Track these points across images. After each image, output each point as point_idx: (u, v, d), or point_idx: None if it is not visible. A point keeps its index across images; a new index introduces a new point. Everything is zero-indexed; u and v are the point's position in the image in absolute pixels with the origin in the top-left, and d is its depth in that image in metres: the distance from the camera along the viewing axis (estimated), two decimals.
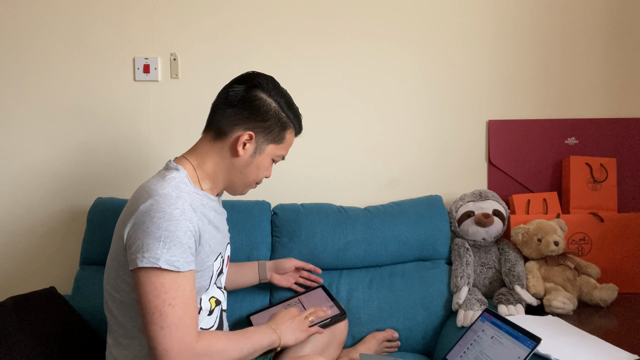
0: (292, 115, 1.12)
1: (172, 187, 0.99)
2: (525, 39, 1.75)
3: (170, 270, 0.92)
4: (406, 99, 1.76)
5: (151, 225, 0.93)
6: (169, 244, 0.93)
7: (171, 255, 0.93)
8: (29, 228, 1.74)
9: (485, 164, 1.78)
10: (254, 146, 1.08)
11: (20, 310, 1.23)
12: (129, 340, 1.04)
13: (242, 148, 1.07)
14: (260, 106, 1.07)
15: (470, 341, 1.18)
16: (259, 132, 1.07)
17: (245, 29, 1.73)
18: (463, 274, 1.49)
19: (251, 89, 1.08)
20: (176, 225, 0.94)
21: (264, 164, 1.12)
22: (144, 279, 0.92)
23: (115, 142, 1.74)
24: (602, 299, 1.42)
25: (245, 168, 1.10)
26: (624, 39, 1.75)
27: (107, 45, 1.72)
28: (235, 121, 1.07)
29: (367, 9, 1.73)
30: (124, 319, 1.03)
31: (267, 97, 1.08)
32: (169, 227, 0.93)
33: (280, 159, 1.16)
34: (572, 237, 1.61)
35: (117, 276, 1.02)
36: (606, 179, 1.69)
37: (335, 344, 1.31)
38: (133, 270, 0.94)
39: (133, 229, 0.95)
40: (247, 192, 1.18)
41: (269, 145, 1.10)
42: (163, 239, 0.92)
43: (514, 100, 1.76)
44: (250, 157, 1.09)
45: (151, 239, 0.92)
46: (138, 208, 0.96)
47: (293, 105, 1.14)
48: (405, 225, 1.58)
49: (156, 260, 0.91)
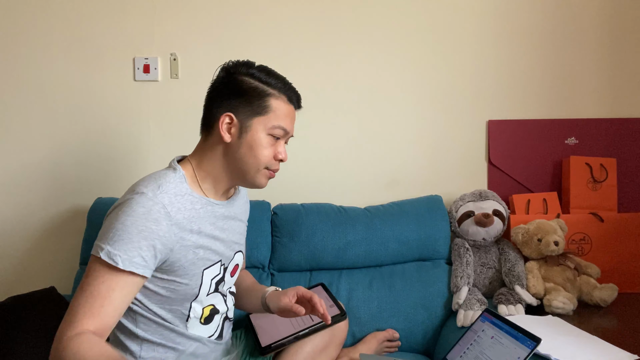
0: (273, 80, 1.06)
1: (154, 187, 0.97)
2: (525, 39, 1.75)
3: (107, 262, 0.89)
4: (406, 99, 1.76)
5: (114, 217, 0.93)
6: (117, 238, 0.90)
7: (115, 248, 0.90)
8: (29, 228, 1.74)
9: (485, 164, 1.78)
10: (238, 125, 1.03)
11: (20, 310, 1.23)
12: (126, 336, 1.04)
13: (227, 132, 1.04)
14: (234, 85, 1.05)
15: (470, 341, 1.18)
16: (237, 110, 1.03)
17: (246, 29, 1.73)
18: (463, 274, 1.49)
19: (227, 75, 1.07)
20: (133, 222, 0.91)
21: (258, 141, 1.03)
22: (88, 265, 0.92)
23: (116, 142, 1.74)
24: (602, 299, 1.42)
25: (238, 152, 1.04)
26: (624, 39, 1.75)
27: (107, 45, 1.72)
28: (215, 109, 1.05)
29: (367, 9, 1.73)
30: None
31: (240, 75, 1.06)
32: (125, 222, 0.91)
33: (280, 131, 1.06)
34: (572, 237, 1.61)
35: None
36: (606, 179, 1.69)
37: (335, 343, 1.31)
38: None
39: (105, 219, 0.96)
40: (264, 181, 1.09)
41: (253, 119, 1.03)
42: (114, 231, 0.91)
43: (514, 100, 1.76)
44: (239, 139, 1.04)
45: (106, 229, 0.92)
46: (119, 200, 0.97)
47: (272, 72, 1.08)
48: (405, 225, 1.58)
49: (100, 249, 0.90)
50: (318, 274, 1.56)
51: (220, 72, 1.09)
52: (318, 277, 1.55)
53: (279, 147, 1.07)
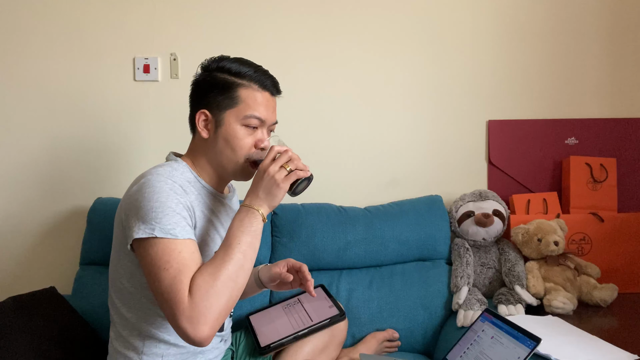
0: (244, 68, 1.05)
1: (165, 169, 1.00)
2: (525, 39, 1.75)
3: (165, 238, 0.90)
4: (406, 99, 1.76)
5: (142, 200, 0.93)
6: (161, 214, 0.92)
7: (165, 223, 0.91)
8: (29, 228, 1.74)
9: (485, 164, 1.78)
10: (213, 121, 1.05)
11: (20, 310, 1.23)
12: (129, 331, 1.04)
13: (204, 129, 1.06)
14: (206, 81, 1.07)
15: (470, 341, 1.18)
16: (210, 106, 1.05)
17: (246, 29, 1.73)
18: (463, 274, 1.49)
19: (201, 73, 1.09)
20: (166, 197, 0.94)
21: (232, 133, 1.04)
22: (142, 251, 0.92)
23: (116, 142, 1.74)
24: (602, 299, 1.42)
25: (216, 146, 1.05)
26: (624, 39, 1.75)
27: (107, 45, 1.72)
28: (193, 108, 1.09)
29: (367, 9, 1.73)
30: (122, 309, 1.05)
31: (214, 71, 1.07)
32: (159, 199, 0.93)
33: (255, 120, 1.04)
34: (572, 237, 1.61)
35: (118, 262, 1.04)
36: (606, 179, 1.69)
37: (335, 343, 1.31)
38: (133, 245, 0.94)
39: (127, 209, 0.96)
40: (244, 174, 1.08)
41: (225, 112, 1.04)
42: (155, 210, 0.92)
43: (514, 100, 1.76)
44: (215, 134, 1.05)
45: (143, 211, 0.92)
46: (130, 190, 0.98)
47: (244, 61, 1.07)
48: (405, 225, 1.58)
49: (151, 230, 0.91)
50: (318, 274, 1.56)
51: (197, 70, 1.11)
52: (318, 277, 1.55)
53: (258, 135, 1.07)
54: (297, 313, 1.37)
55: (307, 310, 1.35)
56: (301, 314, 1.36)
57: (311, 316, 1.33)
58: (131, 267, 1.02)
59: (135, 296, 1.03)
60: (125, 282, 1.03)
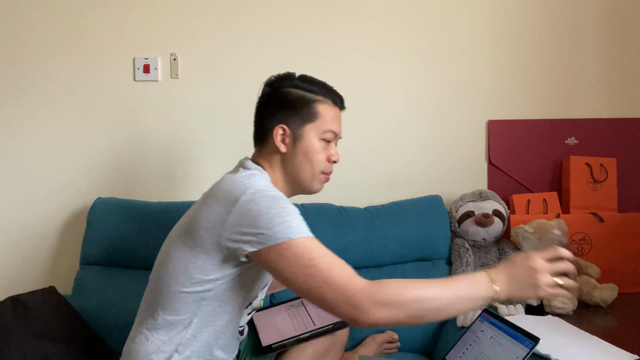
0: (315, 86, 1.12)
1: (265, 182, 1.03)
2: (525, 39, 1.75)
3: (300, 237, 0.92)
4: (406, 99, 1.76)
5: (261, 208, 0.94)
6: (288, 217, 0.94)
7: (295, 225, 0.93)
8: (29, 228, 1.74)
9: (485, 164, 1.78)
10: (292, 135, 1.08)
11: (20, 310, 1.23)
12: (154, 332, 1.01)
13: (282, 143, 1.08)
14: (280, 97, 1.10)
15: (470, 341, 1.18)
16: (289, 121, 1.08)
17: (246, 29, 1.73)
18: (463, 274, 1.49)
19: (271, 90, 1.13)
20: (285, 203, 0.97)
21: (312, 147, 1.09)
22: (274, 257, 0.92)
23: (115, 142, 1.74)
24: (602, 299, 1.42)
25: (295, 160, 1.09)
26: (624, 39, 1.75)
27: (107, 45, 1.72)
28: (267, 123, 1.10)
29: (367, 10, 1.73)
30: (166, 304, 1.01)
31: (284, 87, 1.11)
32: (279, 204, 0.95)
33: (330, 134, 1.11)
34: (572, 237, 1.61)
35: (193, 264, 0.99)
36: (606, 179, 1.69)
37: (336, 348, 1.32)
38: (257, 253, 0.93)
39: (241, 219, 0.94)
40: (320, 186, 1.14)
41: (304, 127, 1.08)
42: (281, 215, 0.93)
43: (514, 100, 1.76)
44: (294, 148, 1.08)
45: (268, 218, 0.93)
46: (238, 199, 0.95)
47: (313, 79, 1.14)
48: (405, 225, 1.58)
49: (285, 233, 0.92)
50: None
51: (265, 88, 1.15)
52: None
53: (330, 150, 1.12)
54: (300, 315, 1.36)
55: (311, 313, 1.35)
56: (304, 317, 1.35)
57: (314, 320, 1.32)
58: (204, 269, 0.99)
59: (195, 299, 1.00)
60: (200, 287, 1.00)
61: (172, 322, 1.01)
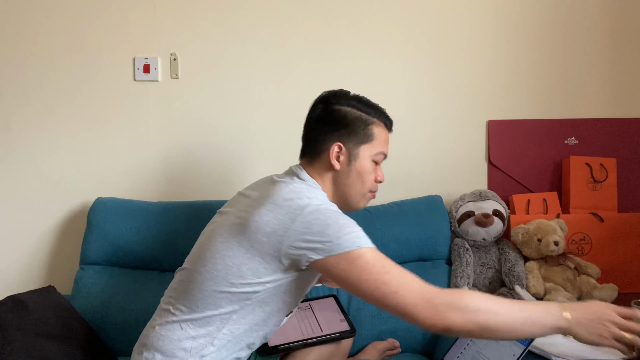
0: (371, 109, 1.15)
1: (325, 198, 1.07)
2: (525, 39, 1.75)
3: (368, 247, 0.96)
4: (406, 99, 1.76)
5: (327, 219, 0.97)
6: (354, 227, 0.98)
7: (361, 235, 0.97)
8: (29, 228, 1.74)
9: (485, 164, 1.78)
10: (347, 154, 1.11)
11: (20, 310, 1.23)
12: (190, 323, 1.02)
13: (336, 160, 1.11)
14: (339, 116, 1.12)
15: (467, 341, 1.18)
16: (345, 140, 1.11)
17: (246, 29, 1.73)
18: (463, 274, 1.49)
19: (326, 106, 1.14)
20: (343, 216, 1.00)
21: (365, 167, 1.12)
22: (344, 265, 0.94)
23: (115, 142, 1.74)
24: (602, 299, 1.42)
25: (347, 178, 1.12)
26: (624, 39, 1.75)
27: (107, 45, 1.72)
28: (323, 139, 1.12)
29: (367, 9, 1.73)
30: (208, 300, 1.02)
31: (341, 106, 1.13)
32: (339, 218, 0.98)
33: (381, 156, 1.15)
34: (572, 237, 1.61)
35: (247, 266, 1.00)
36: (606, 179, 1.69)
37: (339, 354, 1.32)
38: (322, 261, 0.96)
39: (307, 227, 0.97)
40: (365, 203, 1.18)
41: (360, 147, 1.11)
42: (347, 225, 0.97)
43: (514, 100, 1.76)
44: (348, 166, 1.11)
45: (335, 227, 0.96)
46: (304, 209, 0.99)
47: (369, 102, 1.17)
48: (405, 225, 1.58)
49: (353, 242, 0.95)
50: None
51: (318, 104, 1.17)
52: None
53: (378, 171, 1.16)
54: (308, 319, 1.36)
55: (318, 318, 1.34)
56: (311, 321, 1.34)
57: (322, 326, 1.32)
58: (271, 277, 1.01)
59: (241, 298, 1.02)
60: (249, 289, 1.01)
61: (211, 316, 1.02)
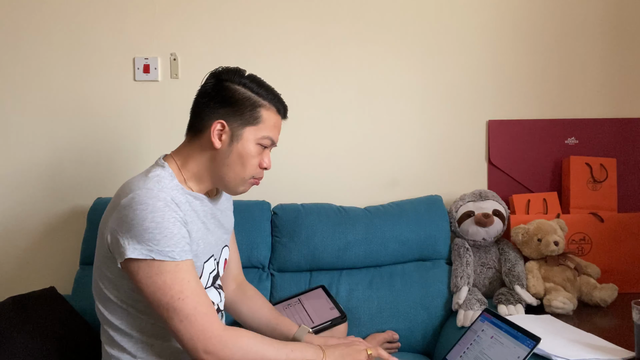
0: (264, 91, 1.08)
1: (153, 183, 0.98)
2: (525, 39, 1.75)
3: (165, 261, 0.92)
4: (406, 99, 1.76)
5: (135, 218, 0.92)
6: (159, 235, 0.92)
7: (164, 246, 0.92)
8: (29, 228, 1.74)
9: (485, 164, 1.78)
10: (230, 134, 1.05)
11: (20, 310, 1.23)
12: (120, 336, 1.03)
13: (217, 139, 1.05)
14: (227, 93, 1.06)
15: (470, 341, 1.18)
16: (230, 119, 1.05)
17: (245, 29, 1.73)
18: (463, 274, 1.49)
19: (218, 82, 1.08)
20: (162, 216, 0.93)
21: (247, 150, 1.06)
22: (141, 272, 0.92)
23: (116, 142, 1.74)
24: (602, 299, 1.42)
25: (227, 159, 1.06)
26: (624, 39, 1.75)
27: (107, 45, 1.72)
28: (207, 115, 1.06)
29: (367, 8, 1.73)
30: (110, 317, 1.03)
31: (232, 83, 1.07)
32: (154, 219, 0.92)
33: (269, 142, 1.08)
34: (572, 237, 1.61)
35: (101, 273, 1.02)
36: (606, 179, 1.69)
37: None
38: (125, 262, 0.93)
39: (116, 224, 0.95)
40: (246, 188, 1.11)
41: (244, 129, 1.05)
42: (151, 230, 0.92)
43: (514, 100, 1.76)
44: (229, 146, 1.05)
45: (138, 230, 0.92)
46: (119, 203, 0.96)
47: (263, 83, 1.10)
48: (405, 225, 1.58)
49: (148, 252, 0.91)
50: (318, 274, 1.56)
51: (210, 79, 1.10)
52: (318, 277, 1.55)
53: (264, 157, 1.10)
54: (298, 314, 1.37)
55: (308, 311, 1.35)
56: (302, 315, 1.36)
57: (312, 317, 1.33)
58: (115, 279, 1.00)
59: (122, 307, 1.02)
60: (109, 294, 1.02)
61: None
